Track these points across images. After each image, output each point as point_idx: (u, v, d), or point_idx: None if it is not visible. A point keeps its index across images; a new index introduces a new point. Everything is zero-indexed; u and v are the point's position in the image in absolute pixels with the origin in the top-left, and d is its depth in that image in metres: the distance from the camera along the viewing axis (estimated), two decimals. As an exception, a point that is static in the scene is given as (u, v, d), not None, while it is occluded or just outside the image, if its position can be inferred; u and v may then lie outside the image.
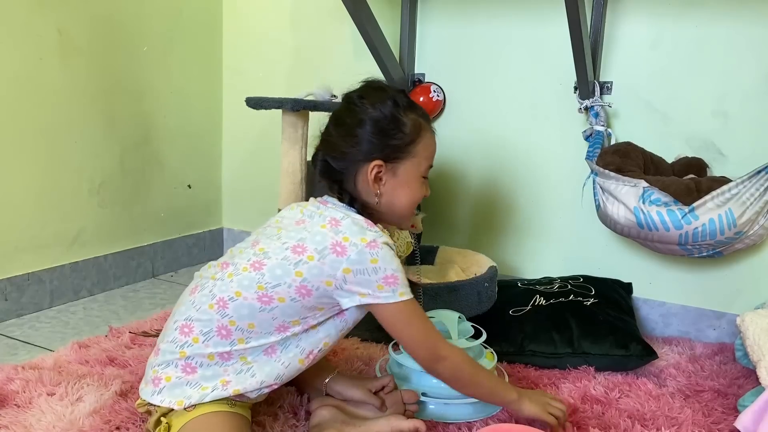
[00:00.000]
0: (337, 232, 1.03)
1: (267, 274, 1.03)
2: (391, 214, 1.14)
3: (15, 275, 1.72)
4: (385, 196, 1.11)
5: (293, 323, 1.05)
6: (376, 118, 1.08)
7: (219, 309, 1.03)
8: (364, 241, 1.01)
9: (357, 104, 1.09)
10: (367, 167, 1.08)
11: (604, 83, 1.75)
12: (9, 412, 1.17)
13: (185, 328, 1.04)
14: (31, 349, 1.53)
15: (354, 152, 1.09)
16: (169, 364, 1.03)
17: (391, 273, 1.02)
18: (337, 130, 1.10)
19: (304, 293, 1.02)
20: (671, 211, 1.48)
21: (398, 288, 1.03)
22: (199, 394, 1.01)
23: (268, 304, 1.03)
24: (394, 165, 1.10)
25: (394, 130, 1.09)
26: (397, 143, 1.09)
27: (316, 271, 1.02)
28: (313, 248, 1.03)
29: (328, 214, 1.07)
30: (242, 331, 1.03)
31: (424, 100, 1.94)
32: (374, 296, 1.03)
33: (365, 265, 1.01)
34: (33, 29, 1.70)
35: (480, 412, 1.25)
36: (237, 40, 2.29)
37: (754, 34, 1.60)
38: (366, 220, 1.07)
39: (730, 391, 1.39)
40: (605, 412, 1.27)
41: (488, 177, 1.96)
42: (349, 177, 1.10)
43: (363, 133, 1.08)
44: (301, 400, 1.26)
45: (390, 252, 1.03)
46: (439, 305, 1.45)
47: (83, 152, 1.87)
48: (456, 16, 1.94)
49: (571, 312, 1.55)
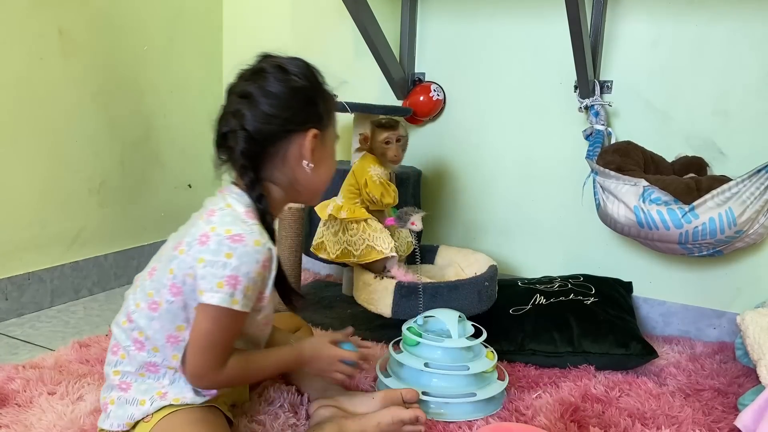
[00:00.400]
0: (209, 223, 0.97)
1: (154, 281, 1.00)
2: (311, 189, 1.08)
3: (15, 275, 1.72)
4: (314, 168, 1.04)
5: (178, 329, 0.99)
6: (304, 87, 1.03)
7: (129, 323, 1.03)
8: (228, 233, 0.94)
9: (281, 74, 1.02)
10: (304, 137, 1.02)
11: (604, 82, 1.75)
12: (10, 411, 1.17)
13: (114, 348, 1.05)
14: (32, 349, 1.53)
15: (288, 124, 1.01)
16: (112, 389, 1.04)
17: (236, 274, 0.93)
18: (268, 101, 1.00)
19: (175, 292, 0.97)
20: (671, 210, 1.48)
21: (236, 294, 0.94)
22: (140, 411, 1.00)
23: (156, 310, 0.99)
24: (323, 134, 1.05)
25: (320, 97, 1.05)
26: (323, 111, 1.05)
27: (182, 264, 0.96)
28: (186, 242, 0.98)
29: (211, 205, 1.01)
30: (151, 341, 1.01)
31: (424, 99, 1.94)
32: (210, 295, 0.93)
33: (219, 257, 0.93)
34: (33, 29, 1.70)
35: (481, 410, 1.25)
36: (237, 38, 2.30)
37: (754, 33, 1.60)
38: (248, 212, 0.99)
39: (730, 390, 1.39)
40: (605, 410, 1.28)
41: (488, 176, 1.96)
42: (275, 152, 1.02)
43: (296, 104, 1.02)
44: (301, 399, 1.26)
45: (254, 254, 0.94)
46: (439, 304, 1.45)
47: (83, 152, 1.87)
48: (456, 16, 1.94)
49: (572, 311, 1.55)
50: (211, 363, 0.98)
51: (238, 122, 1.00)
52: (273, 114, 1.00)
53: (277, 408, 1.22)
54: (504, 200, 1.95)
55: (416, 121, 2.01)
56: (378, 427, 1.10)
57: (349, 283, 1.85)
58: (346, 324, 1.66)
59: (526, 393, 1.35)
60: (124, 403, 1.02)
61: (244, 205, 1.00)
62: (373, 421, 1.11)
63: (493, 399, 1.27)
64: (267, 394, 1.27)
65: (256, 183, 1.01)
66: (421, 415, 1.12)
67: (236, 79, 1.05)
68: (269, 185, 1.04)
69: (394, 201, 1.59)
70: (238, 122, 1.00)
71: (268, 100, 1.00)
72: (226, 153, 1.04)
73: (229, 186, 1.05)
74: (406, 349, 1.32)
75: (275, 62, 1.03)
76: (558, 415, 1.23)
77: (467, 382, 1.27)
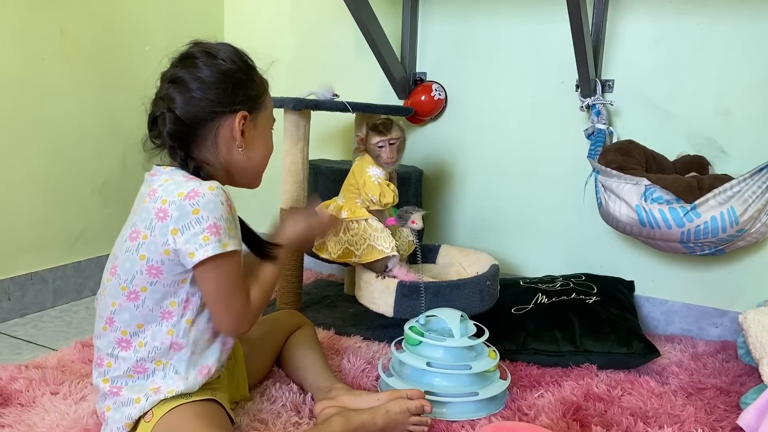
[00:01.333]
0: (156, 200, 0.99)
1: (121, 274, 1.02)
2: (247, 172, 1.11)
3: (18, 275, 1.73)
4: (246, 150, 1.07)
5: (171, 304, 1.02)
6: (232, 70, 1.05)
7: (110, 326, 1.04)
8: (181, 195, 0.97)
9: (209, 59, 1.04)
10: (233, 119, 1.04)
11: (605, 81, 1.75)
12: (13, 411, 1.18)
13: (98, 360, 1.06)
14: (35, 349, 1.54)
15: (216, 106, 1.03)
16: (105, 397, 1.05)
17: (214, 222, 0.97)
18: (196, 84, 1.03)
19: (155, 273, 1.00)
20: (673, 209, 1.48)
21: (222, 238, 0.97)
22: (136, 409, 1.01)
23: (137, 299, 1.01)
24: (255, 116, 1.08)
25: (250, 80, 1.07)
26: (253, 93, 1.07)
27: (153, 246, 0.99)
28: (143, 227, 1.00)
29: (149, 188, 1.03)
30: (137, 335, 1.03)
31: (425, 99, 1.94)
32: (203, 251, 0.96)
33: (188, 218, 0.96)
34: (35, 29, 1.70)
35: (483, 409, 1.25)
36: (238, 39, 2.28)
37: (755, 31, 1.60)
38: (186, 175, 1.02)
39: (732, 389, 1.39)
40: (608, 409, 1.28)
41: (490, 175, 1.96)
42: (206, 134, 1.04)
43: (224, 86, 1.03)
44: (304, 398, 1.26)
45: (214, 199, 0.97)
46: (441, 303, 1.45)
47: (85, 152, 1.87)
48: (457, 15, 1.94)
49: (574, 310, 1.55)
50: (240, 305, 1.03)
51: (166, 105, 1.03)
52: (201, 96, 1.03)
53: (279, 407, 1.22)
54: (506, 199, 1.95)
55: (418, 121, 2.01)
56: (388, 415, 1.12)
57: (351, 282, 1.85)
58: (348, 324, 1.67)
59: (528, 392, 1.35)
60: (120, 406, 1.03)
61: (181, 173, 1.03)
62: (382, 410, 1.12)
63: (496, 398, 1.27)
64: (269, 393, 1.27)
65: (188, 160, 1.04)
66: (427, 406, 1.14)
67: (168, 66, 1.08)
68: (203, 166, 1.06)
69: (394, 201, 1.59)
70: (166, 105, 1.03)
71: (197, 83, 1.03)
72: (157, 137, 1.06)
73: (154, 168, 1.07)
74: (408, 349, 1.32)
75: (204, 48, 1.06)
76: (560, 414, 1.23)
77: (469, 381, 1.27)
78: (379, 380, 1.36)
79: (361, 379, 1.36)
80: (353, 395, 1.21)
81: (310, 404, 1.24)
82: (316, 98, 1.72)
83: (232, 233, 1.00)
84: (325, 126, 2.08)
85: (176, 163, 1.04)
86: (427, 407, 1.15)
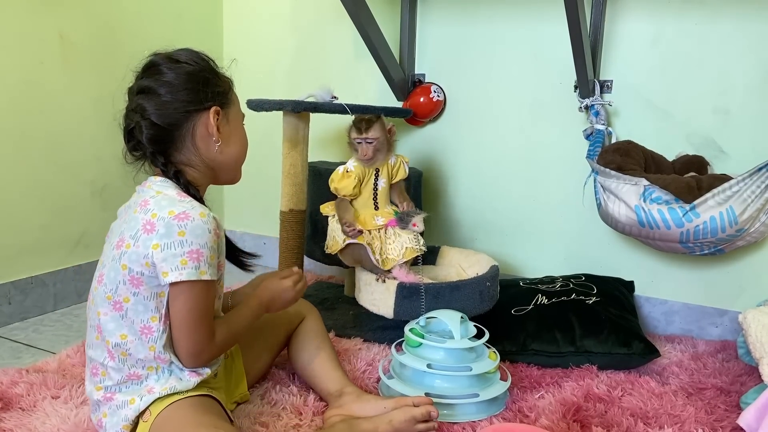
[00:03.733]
0: (146, 212, 1.01)
1: (107, 283, 1.02)
2: (228, 166, 1.12)
3: (18, 279, 1.73)
4: (224, 145, 1.09)
5: (152, 319, 1.02)
6: (197, 70, 1.07)
7: (100, 335, 1.04)
8: (172, 214, 0.98)
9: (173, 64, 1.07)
10: (206, 116, 1.06)
11: (604, 82, 1.75)
12: (13, 415, 1.18)
13: (93, 370, 1.07)
14: (35, 353, 1.54)
15: (188, 105, 1.05)
16: (99, 405, 1.05)
17: (197, 248, 0.98)
18: (165, 89, 1.05)
19: (136, 283, 1.00)
20: (672, 209, 1.48)
21: (201, 266, 0.98)
22: (132, 409, 1.02)
23: (121, 309, 1.02)
24: (226, 111, 1.10)
25: (215, 78, 1.10)
26: (221, 90, 1.09)
27: (134, 256, 0.99)
28: (128, 236, 1.00)
29: (140, 198, 1.05)
30: (120, 346, 1.03)
31: (424, 100, 1.94)
32: (177, 273, 0.97)
33: (173, 238, 0.97)
34: (34, 33, 1.70)
35: (484, 411, 1.25)
36: (237, 41, 2.30)
37: (753, 31, 1.60)
38: (179, 193, 1.04)
39: (732, 389, 1.39)
40: (608, 410, 1.28)
41: (489, 176, 1.96)
42: (184, 135, 1.06)
43: (192, 86, 1.05)
44: (305, 400, 1.26)
45: (203, 225, 0.99)
46: (441, 305, 1.46)
47: (85, 155, 1.87)
48: (456, 16, 1.94)
49: (574, 311, 1.55)
50: (203, 337, 1.03)
51: (140, 115, 1.04)
52: (172, 99, 1.05)
53: (280, 410, 1.22)
54: (505, 200, 1.95)
55: (417, 122, 2.02)
56: (390, 425, 1.11)
57: (351, 284, 1.85)
58: (348, 326, 1.67)
59: (528, 393, 1.35)
60: (116, 410, 1.03)
61: (173, 189, 1.05)
62: (386, 419, 1.12)
63: (496, 400, 1.28)
64: (269, 396, 1.27)
65: (169, 164, 1.06)
66: (433, 411, 1.13)
67: (133, 80, 1.09)
68: (185, 168, 1.08)
69: (349, 193, 1.59)
70: (140, 115, 1.04)
71: (165, 88, 1.05)
72: (136, 148, 1.08)
73: (148, 179, 1.09)
74: (409, 351, 1.32)
75: (165, 55, 1.08)
76: (560, 415, 1.23)
77: (470, 382, 1.27)
78: (379, 382, 1.36)
79: (362, 381, 1.37)
80: (361, 402, 1.20)
81: (311, 407, 1.24)
82: (315, 100, 1.72)
83: (213, 263, 1.01)
84: (325, 128, 2.08)
85: (164, 174, 1.06)
86: (433, 412, 1.12)
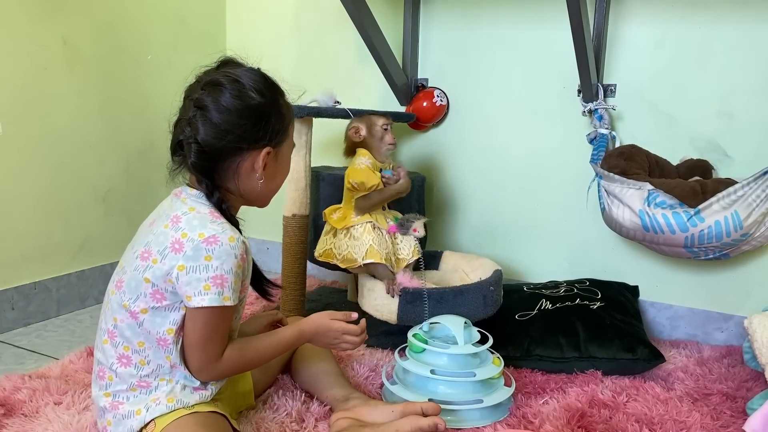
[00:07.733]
0: (177, 230, 0.99)
1: (126, 291, 1.02)
2: (264, 196, 1.11)
3: (22, 284, 1.73)
4: (266, 181, 1.08)
5: (168, 332, 1.01)
6: (260, 105, 1.04)
7: (111, 340, 1.04)
8: (201, 237, 0.97)
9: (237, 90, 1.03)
10: (258, 155, 1.04)
11: (607, 86, 1.75)
12: (16, 421, 1.17)
13: (100, 373, 1.06)
14: (38, 358, 1.54)
15: (241, 142, 1.03)
16: (105, 412, 1.05)
17: (221, 273, 0.97)
18: (222, 117, 1.01)
19: (159, 298, 1.00)
20: (677, 214, 1.47)
21: (225, 291, 0.98)
22: (138, 420, 1.01)
23: (137, 318, 1.01)
24: (278, 149, 1.08)
25: (277, 114, 1.06)
26: (279, 127, 1.07)
27: (159, 272, 0.99)
28: (156, 251, 1.00)
29: (172, 212, 1.03)
30: (138, 353, 1.02)
31: (427, 105, 1.94)
32: (200, 298, 0.97)
33: (199, 261, 0.97)
34: (38, 39, 1.71)
35: (487, 417, 1.25)
36: (240, 46, 2.29)
37: (757, 34, 1.60)
38: (212, 212, 1.02)
39: (738, 395, 1.38)
40: (613, 416, 1.27)
41: (492, 181, 1.96)
42: (228, 165, 1.04)
43: (251, 122, 1.03)
44: (308, 406, 1.26)
45: (230, 251, 0.98)
46: (444, 309, 1.45)
47: (89, 161, 1.87)
48: (459, 21, 1.94)
49: (578, 316, 1.55)
50: (209, 357, 1.03)
51: (192, 132, 1.02)
52: (226, 130, 1.01)
53: (282, 416, 1.22)
54: (508, 205, 1.95)
55: (420, 127, 2.01)
56: None
57: (355, 289, 1.85)
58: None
59: (533, 399, 1.34)
60: (121, 419, 1.02)
61: (207, 206, 1.03)
62: (392, 429, 1.10)
63: (500, 405, 1.27)
64: (272, 402, 1.27)
65: (214, 190, 1.04)
66: (441, 424, 1.10)
67: (194, 84, 1.06)
68: (222, 190, 1.06)
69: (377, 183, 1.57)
70: (192, 132, 1.02)
71: (222, 115, 1.01)
72: (181, 160, 1.06)
73: (183, 188, 1.07)
74: (412, 356, 1.32)
75: (232, 76, 1.04)
76: (565, 421, 1.23)
77: (474, 388, 1.26)
78: (383, 388, 1.35)
79: (365, 387, 1.36)
80: (369, 407, 1.19)
81: (314, 413, 1.24)
82: (318, 105, 1.72)
83: (236, 288, 1.00)
84: (328, 133, 2.08)
85: (201, 188, 1.04)
86: (440, 425, 1.10)
